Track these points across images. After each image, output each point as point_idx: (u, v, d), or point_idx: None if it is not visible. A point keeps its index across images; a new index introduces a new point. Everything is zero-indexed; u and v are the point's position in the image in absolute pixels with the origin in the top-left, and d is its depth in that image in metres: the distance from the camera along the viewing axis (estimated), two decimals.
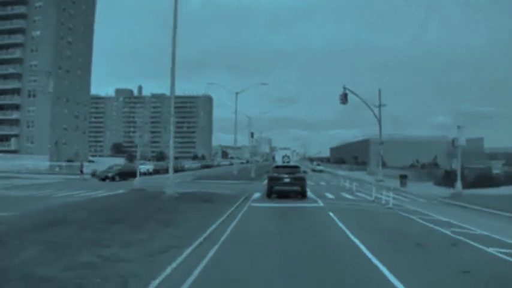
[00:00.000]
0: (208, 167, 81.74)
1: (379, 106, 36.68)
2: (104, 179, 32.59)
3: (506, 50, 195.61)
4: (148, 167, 48.71)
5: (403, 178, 29.36)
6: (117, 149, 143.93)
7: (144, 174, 47.20)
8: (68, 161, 64.18)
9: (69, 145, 74.64)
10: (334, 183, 35.12)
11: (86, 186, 27.06)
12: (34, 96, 72.05)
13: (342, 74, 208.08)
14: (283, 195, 19.78)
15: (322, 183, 36.28)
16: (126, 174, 32.88)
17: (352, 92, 30.86)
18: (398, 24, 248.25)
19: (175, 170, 59.85)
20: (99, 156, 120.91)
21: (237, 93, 41.12)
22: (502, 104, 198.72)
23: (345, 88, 30.12)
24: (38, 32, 72.71)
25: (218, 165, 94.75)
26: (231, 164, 60.99)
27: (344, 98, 29.78)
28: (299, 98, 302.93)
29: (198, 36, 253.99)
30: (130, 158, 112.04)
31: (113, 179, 32.49)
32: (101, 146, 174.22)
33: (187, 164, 72.01)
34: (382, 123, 36.97)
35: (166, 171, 56.23)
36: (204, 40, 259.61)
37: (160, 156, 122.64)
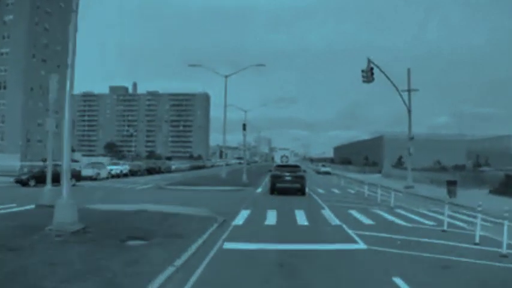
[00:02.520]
0: (199, 167, 73.40)
1: (409, 91, 28.48)
2: (23, 184, 24.33)
3: (506, 50, 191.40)
4: (122, 167, 40.50)
5: (452, 185, 20.90)
6: (110, 148, 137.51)
7: (118, 176, 39.12)
8: (43, 160, 56.07)
9: (46, 143, 66.40)
10: (355, 192, 26.08)
11: (5, 196, 18.67)
12: (5, 88, 64.62)
13: (342, 74, 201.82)
14: (284, 192, 20.87)
15: (336, 190, 27.39)
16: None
17: (377, 66, 22.60)
18: (398, 24, 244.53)
19: (159, 171, 51.87)
20: (93, 155, 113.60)
21: (226, 76, 33.07)
22: (502, 104, 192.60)
23: (369, 61, 21.82)
24: (11, 17, 65.19)
25: (212, 166, 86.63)
26: (228, 165, 52.86)
27: (369, 75, 21.54)
28: (299, 98, 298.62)
29: (198, 35, 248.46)
30: (124, 157, 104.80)
31: (26, 183, 24.14)
32: (95, 145, 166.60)
33: (176, 164, 63.77)
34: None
35: (148, 172, 47.98)
36: (204, 40, 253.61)
37: (152, 155, 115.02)
